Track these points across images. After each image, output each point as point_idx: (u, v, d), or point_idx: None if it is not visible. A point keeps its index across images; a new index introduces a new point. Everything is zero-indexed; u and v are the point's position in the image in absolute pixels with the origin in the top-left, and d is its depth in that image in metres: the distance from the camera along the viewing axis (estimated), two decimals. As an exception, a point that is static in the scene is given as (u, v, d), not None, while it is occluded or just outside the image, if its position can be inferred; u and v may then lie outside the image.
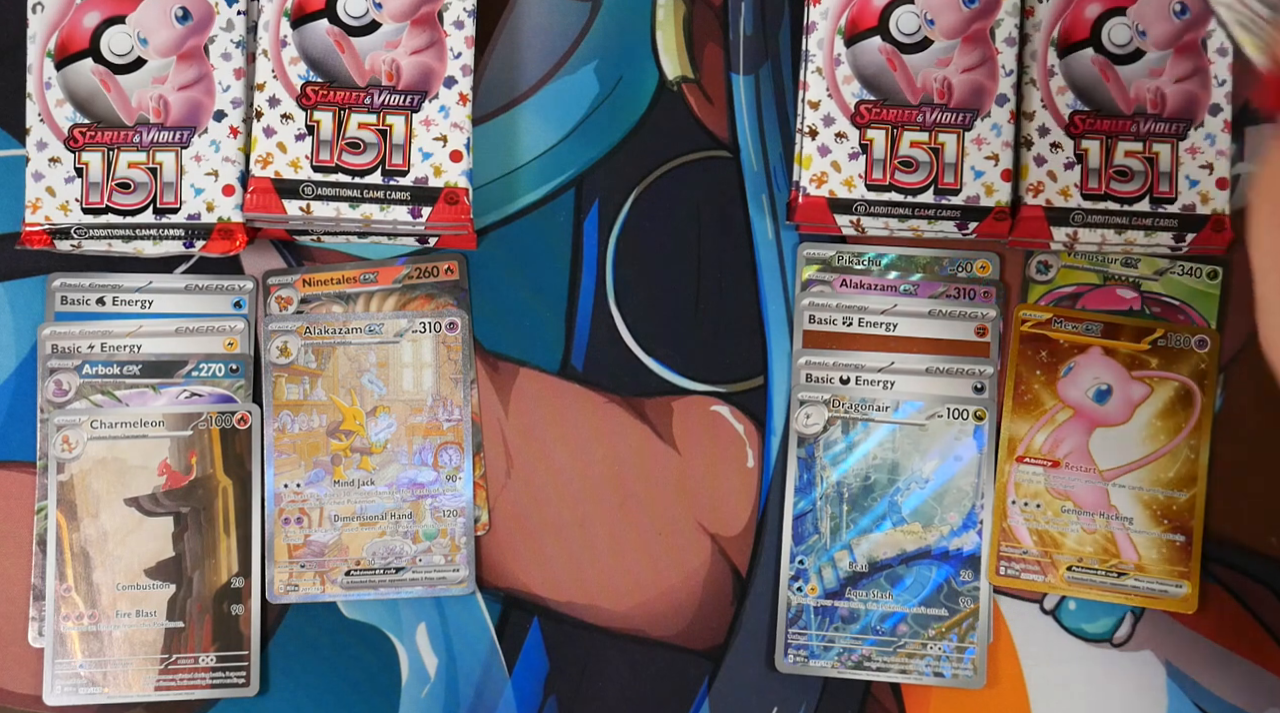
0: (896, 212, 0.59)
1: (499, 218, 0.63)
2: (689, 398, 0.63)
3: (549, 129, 0.63)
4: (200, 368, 0.61)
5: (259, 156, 0.58)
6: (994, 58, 0.60)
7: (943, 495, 0.61)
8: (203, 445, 0.60)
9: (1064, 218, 0.59)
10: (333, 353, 0.62)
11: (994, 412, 0.62)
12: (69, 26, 0.58)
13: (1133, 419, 0.62)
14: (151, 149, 0.58)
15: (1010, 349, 0.62)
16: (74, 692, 0.59)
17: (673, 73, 0.64)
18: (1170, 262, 0.62)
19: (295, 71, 0.58)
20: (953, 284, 0.62)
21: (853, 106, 0.60)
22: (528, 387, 0.62)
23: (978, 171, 0.59)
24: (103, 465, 0.60)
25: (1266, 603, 0.62)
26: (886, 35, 0.60)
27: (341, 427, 0.61)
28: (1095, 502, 0.61)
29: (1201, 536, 0.61)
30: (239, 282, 0.62)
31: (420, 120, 0.58)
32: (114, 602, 0.60)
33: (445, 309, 0.62)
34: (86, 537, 0.60)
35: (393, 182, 0.58)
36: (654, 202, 0.63)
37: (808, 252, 0.63)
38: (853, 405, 0.62)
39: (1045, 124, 0.60)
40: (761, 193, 0.63)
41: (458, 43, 0.59)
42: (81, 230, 0.58)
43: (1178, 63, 0.60)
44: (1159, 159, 0.59)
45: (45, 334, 0.61)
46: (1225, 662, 0.61)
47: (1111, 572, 0.61)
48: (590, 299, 0.63)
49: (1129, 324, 0.62)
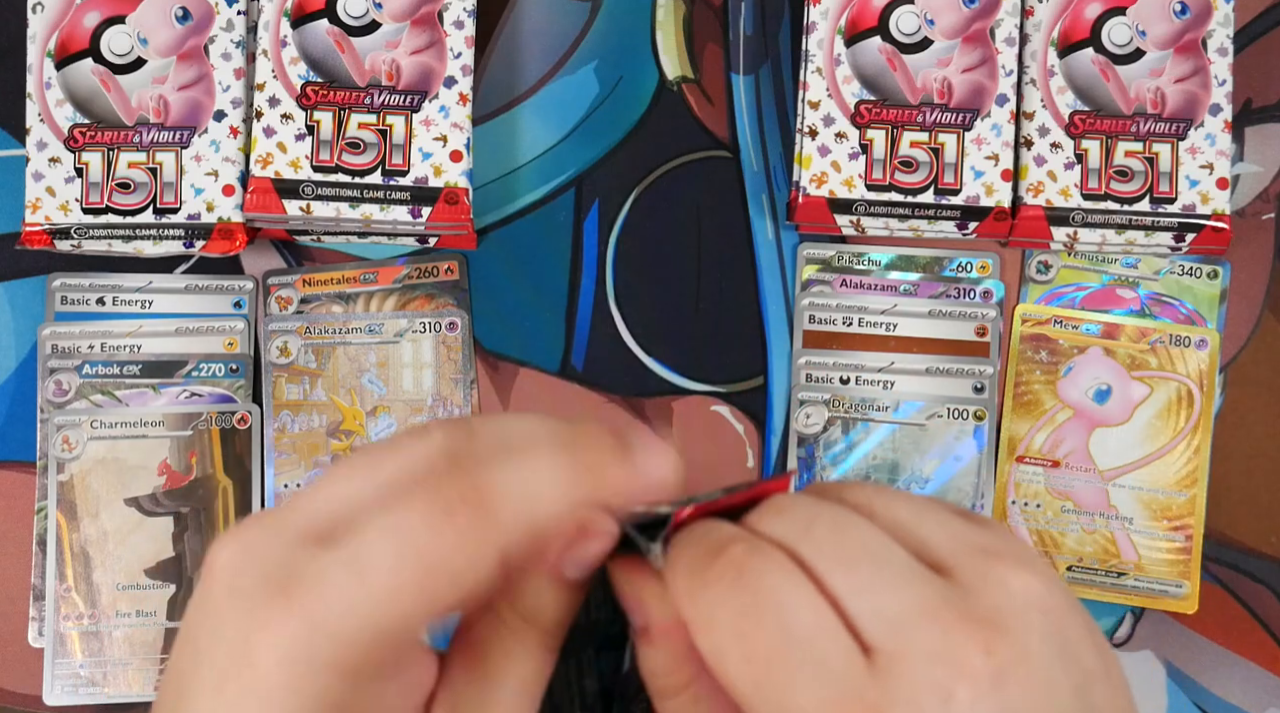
0: (896, 212, 0.59)
1: (499, 218, 0.63)
2: (689, 398, 0.63)
3: (549, 129, 0.63)
4: (200, 368, 0.61)
5: (259, 156, 0.58)
6: (994, 58, 0.60)
7: (943, 495, 0.61)
8: (203, 445, 0.60)
9: (1064, 218, 0.59)
10: (333, 353, 0.62)
11: (994, 412, 0.62)
12: (69, 26, 0.58)
13: (1133, 419, 0.62)
14: (151, 149, 0.58)
15: (1010, 349, 0.62)
16: (74, 692, 0.59)
17: (673, 73, 0.64)
18: (1170, 262, 0.62)
19: (295, 71, 0.58)
20: (953, 284, 0.62)
21: (853, 106, 0.60)
22: (528, 387, 0.62)
23: (978, 171, 0.59)
24: (103, 465, 0.60)
25: (1266, 603, 0.62)
26: (886, 35, 0.60)
27: (341, 427, 0.61)
28: (1095, 502, 0.61)
29: (1201, 536, 0.61)
30: (239, 282, 0.62)
31: (420, 120, 0.58)
32: (114, 602, 0.60)
33: (445, 309, 0.62)
34: (86, 537, 0.60)
35: (393, 182, 0.58)
36: (654, 202, 0.63)
37: (808, 252, 0.63)
38: (853, 405, 0.62)
39: (1045, 124, 0.60)
40: (761, 193, 0.63)
41: (458, 43, 0.59)
42: (81, 230, 0.58)
43: (1178, 63, 0.60)
44: (1159, 159, 0.59)
45: (45, 334, 0.61)
46: (1225, 662, 0.61)
47: (1111, 572, 0.61)
48: (590, 299, 0.63)
49: (1129, 324, 0.62)
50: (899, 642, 0.28)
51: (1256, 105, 0.63)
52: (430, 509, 0.28)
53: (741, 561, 0.30)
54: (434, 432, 0.30)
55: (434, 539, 0.28)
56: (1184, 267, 0.62)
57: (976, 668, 0.27)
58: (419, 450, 0.30)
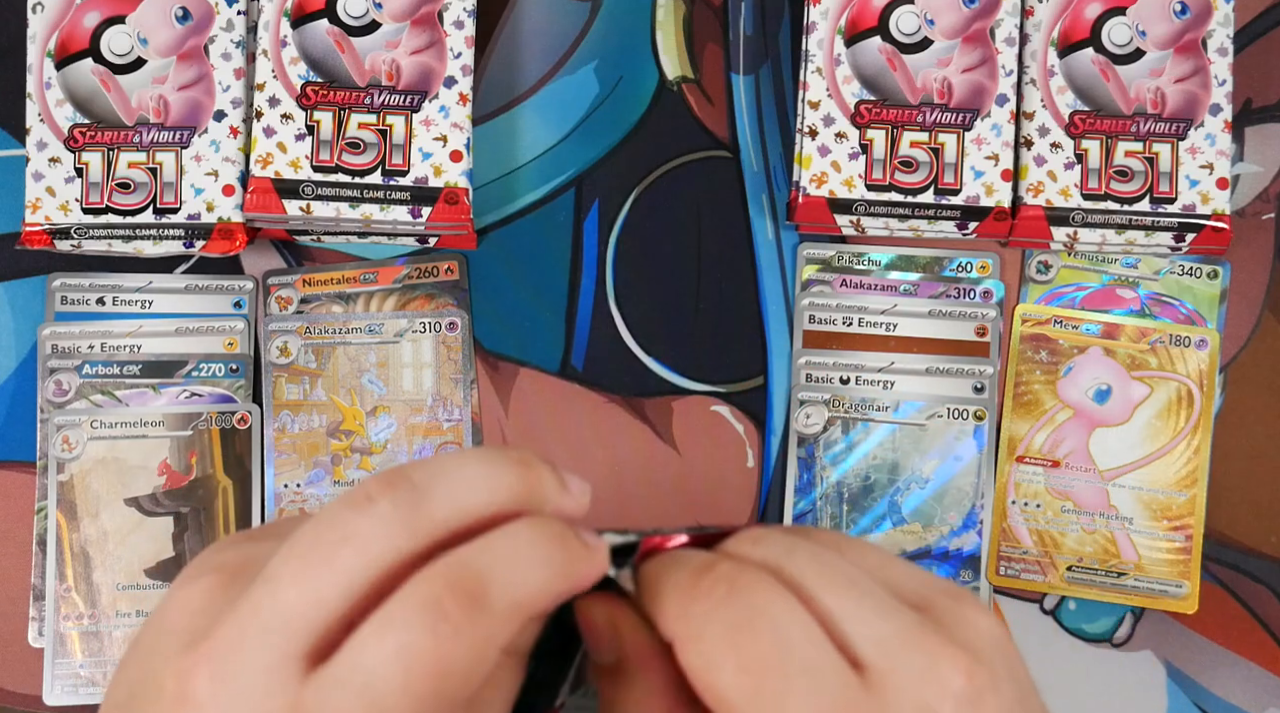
0: (896, 212, 0.59)
1: (499, 218, 0.63)
2: (689, 398, 0.63)
3: (549, 129, 0.63)
4: (200, 368, 0.61)
5: (259, 156, 0.58)
6: (994, 58, 0.60)
7: (943, 496, 0.61)
8: (203, 445, 0.60)
9: (1064, 218, 0.59)
10: (333, 353, 0.62)
11: (994, 412, 0.62)
12: (69, 26, 0.58)
13: (1133, 419, 0.62)
14: (151, 149, 0.58)
15: (1010, 349, 0.62)
16: (74, 692, 0.59)
17: (673, 73, 0.64)
18: (1170, 262, 0.62)
19: (295, 71, 0.58)
20: (953, 284, 0.62)
21: (853, 106, 0.60)
22: (528, 387, 0.62)
23: (978, 171, 0.59)
24: (103, 465, 0.60)
25: (1266, 603, 0.62)
26: (886, 35, 0.60)
27: (341, 427, 0.61)
28: (1095, 502, 0.61)
29: (1201, 536, 0.61)
30: (239, 282, 0.62)
31: (420, 120, 0.58)
32: (114, 602, 0.60)
33: (445, 309, 0.62)
34: (86, 537, 0.60)
35: (393, 182, 0.58)
36: (654, 202, 0.63)
37: (808, 252, 0.63)
38: (853, 405, 0.62)
39: (1045, 124, 0.60)
40: (761, 193, 0.63)
41: (458, 43, 0.59)
42: (81, 230, 0.58)
43: (1178, 63, 0.60)
44: (1159, 159, 0.59)
45: (45, 334, 0.61)
46: (1225, 662, 0.61)
47: (1111, 572, 0.61)
48: (590, 299, 0.63)
49: (1129, 324, 0.62)
50: (889, 661, 0.29)
51: (1256, 105, 0.63)
52: (424, 614, 0.27)
53: (732, 576, 0.30)
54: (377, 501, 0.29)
55: (438, 646, 0.27)
56: (1184, 267, 0.62)
57: (958, 689, 0.29)
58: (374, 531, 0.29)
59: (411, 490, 0.29)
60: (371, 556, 0.28)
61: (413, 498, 0.29)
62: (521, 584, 0.29)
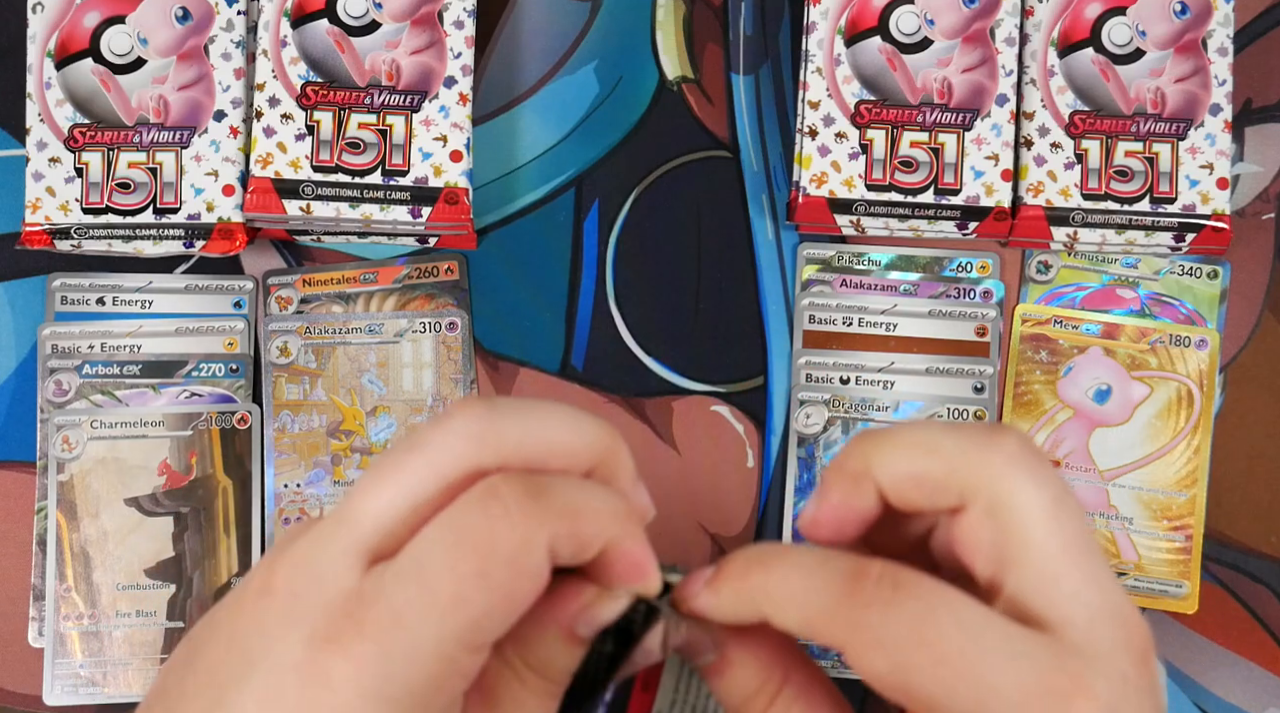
0: (896, 212, 0.59)
1: (499, 218, 0.63)
2: (689, 398, 0.63)
3: (549, 129, 0.63)
4: (200, 368, 0.61)
5: (259, 156, 0.58)
6: (994, 58, 0.60)
7: (943, 495, 0.61)
8: (203, 445, 0.60)
9: (1064, 218, 0.59)
10: (333, 353, 0.62)
11: (994, 412, 0.62)
12: (69, 26, 0.58)
13: (1133, 419, 0.62)
14: (151, 149, 0.58)
15: (1010, 349, 0.62)
16: (74, 692, 0.59)
17: (673, 73, 0.64)
18: (1170, 262, 0.62)
19: (295, 71, 0.58)
20: (953, 284, 0.62)
21: (853, 106, 0.60)
22: (528, 387, 0.62)
23: (978, 171, 0.59)
24: (103, 465, 0.60)
25: (1266, 603, 0.62)
26: (886, 35, 0.60)
27: (341, 427, 0.61)
28: (1095, 502, 0.61)
29: (1201, 536, 0.61)
30: (239, 282, 0.62)
31: (420, 120, 0.58)
32: (114, 602, 0.60)
33: (445, 309, 0.62)
34: (86, 537, 0.60)
35: (393, 182, 0.58)
36: (654, 202, 0.63)
37: (808, 252, 0.63)
38: (853, 405, 0.62)
39: (1045, 124, 0.60)
40: (761, 193, 0.63)
41: (458, 43, 0.59)
42: (81, 230, 0.58)
43: (1178, 63, 0.60)
44: (1159, 159, 0.59)
45: (45, 334, 0.61)
46: (1225, 662, 0.61)
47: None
48: (590, 299, 0.63)
49: (1129, 324, 0.62)
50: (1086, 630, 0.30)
51: (1256, 105, 0.63)
52: (479, 498, 0.29)
53: (892, 575, 0.31)
54: (455, 416, 0.31)
55: (489, 524, 0.29)
56: (1184, 267, 0.62)
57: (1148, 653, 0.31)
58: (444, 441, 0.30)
59: (488, 410, 0.31)
60: (440, 464, 0.30)
61: (488, 415, 0.31)
62: (579, 500, 0.30)
